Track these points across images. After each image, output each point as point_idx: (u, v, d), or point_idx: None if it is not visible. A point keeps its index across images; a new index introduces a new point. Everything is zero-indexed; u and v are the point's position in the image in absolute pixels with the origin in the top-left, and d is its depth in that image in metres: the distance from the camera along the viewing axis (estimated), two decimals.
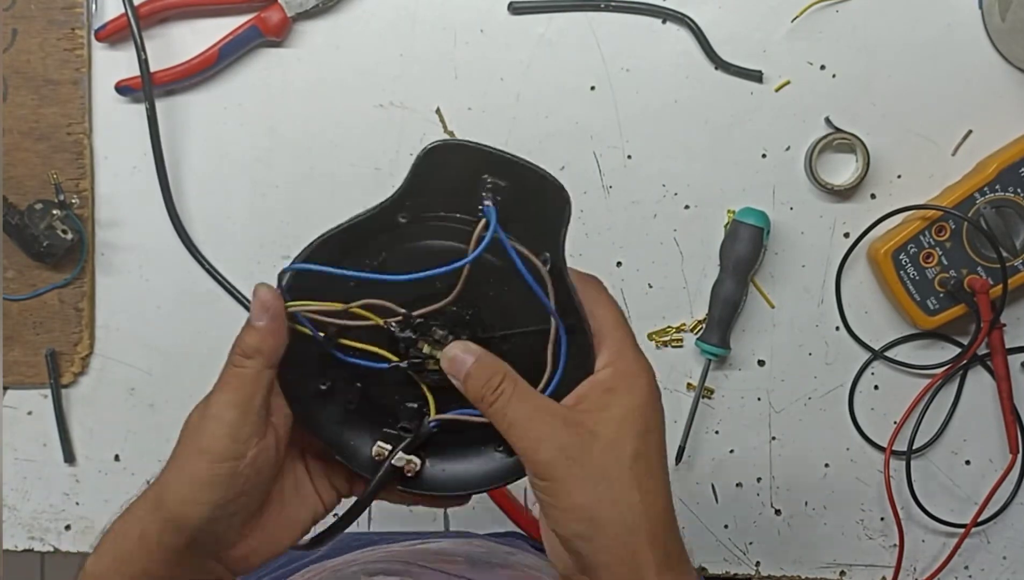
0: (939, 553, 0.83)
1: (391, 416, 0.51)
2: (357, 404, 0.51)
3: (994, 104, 0.79)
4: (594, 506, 0.45)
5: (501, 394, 0.46)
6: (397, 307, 0.48)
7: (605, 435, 0.45)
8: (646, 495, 0.45)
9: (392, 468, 0.50)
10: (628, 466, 0.45)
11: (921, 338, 0.82)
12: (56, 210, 0.79)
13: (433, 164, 0.48)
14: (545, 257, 0.48)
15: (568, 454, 0.45)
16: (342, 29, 0.81)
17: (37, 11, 0.80)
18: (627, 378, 0.47)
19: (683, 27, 0.80)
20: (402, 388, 0.50)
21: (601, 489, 0.45)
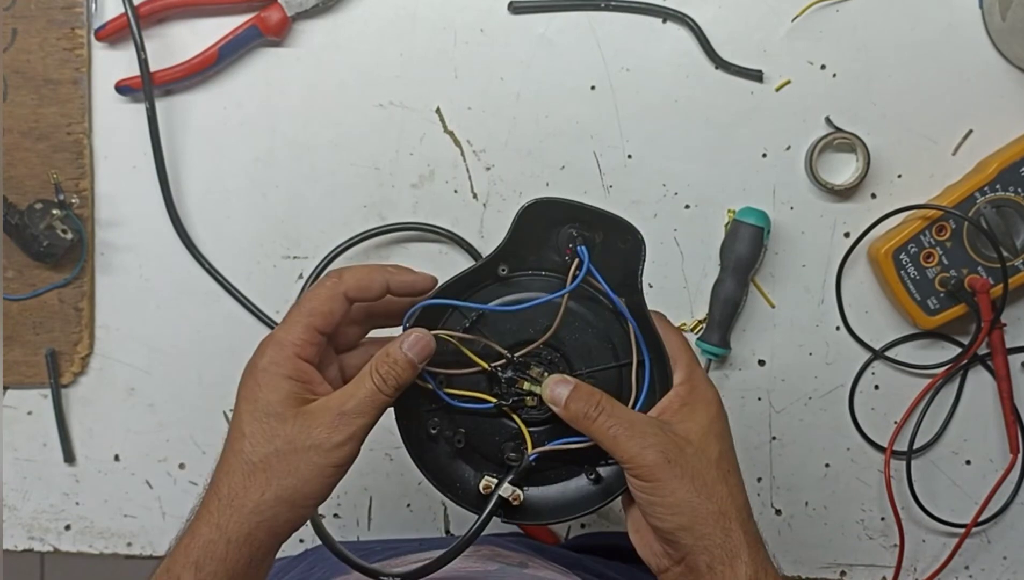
0: (939, 553, 0.83)
1: (494, 453, 0.58)
2: (464, 445, 0.58)
3: (994, 104, 0.79)
4: (692, 500, 0.52)
5: (603, 410, 0.54)
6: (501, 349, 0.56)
7: (695, 440, 0.54)
8: (732, 488, 0.54)
9: (500, 500, 0.56)
10: (715, 465, 0.53)
11: (921, 338, 0.82)
12: (56, 210, 0.79)
13: (531, 218, 0.56)
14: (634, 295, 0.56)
15: (668, 457, 0.52)
16: (342, 29, 0.81)
17: (37, 11, 0.80)
18: (701, 393, 0.56)
19: (683, 27, 0.80)
20: (500, 429, 0.57)
21: (697, 485, 0.52)
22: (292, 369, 0.52)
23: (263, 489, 0.50)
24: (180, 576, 0.50)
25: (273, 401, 0.52)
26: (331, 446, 0.51)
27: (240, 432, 0.52)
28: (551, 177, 0.81)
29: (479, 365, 0.56)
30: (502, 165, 0.81)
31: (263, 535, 0.51)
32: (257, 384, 0.52)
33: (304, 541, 0.84)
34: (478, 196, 0.82)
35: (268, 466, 0.51)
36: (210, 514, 0.51)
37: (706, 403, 0.55)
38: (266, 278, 0.83)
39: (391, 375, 0.53)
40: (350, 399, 0.52)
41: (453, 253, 0.82)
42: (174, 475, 0.85)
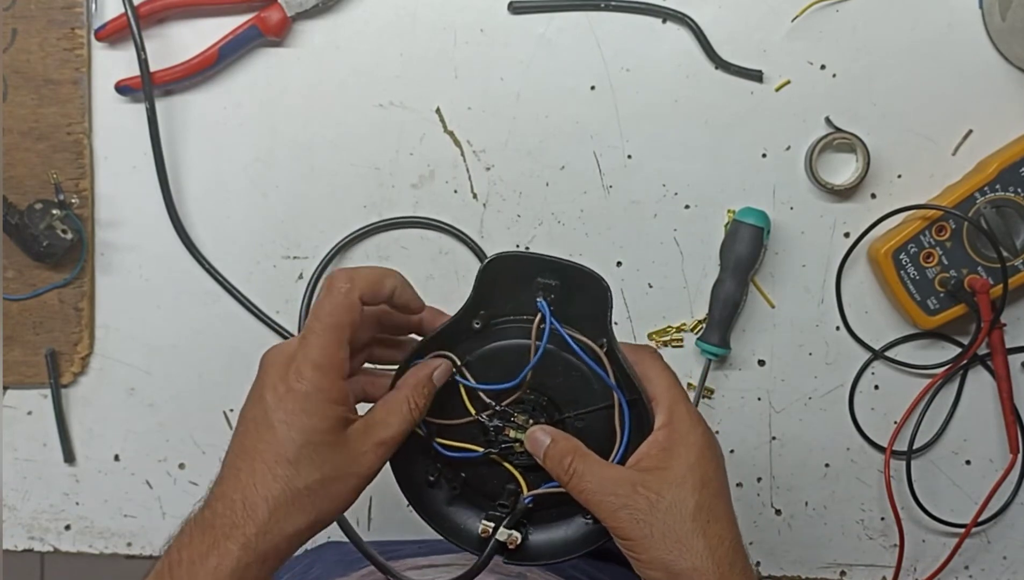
0: (939, 553, 0.83)
1: (492, 497, 0.58)
2: (461, 489, 0.59)
3: (994, 104, 0.79)
4: (667, 558, 0.51)
5: (574, 473, 0.54)
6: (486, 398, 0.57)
7: (668, 495, 0.52)
8: (711, 540, 0.52)
9: (497, 543, 0.57)
10: (691, 518, 0.52)
11: (921, 338, 0.82)
12: (56, 210, 0.79)
13: (493, 273, 0.56)
14: (602, 341, 0.56)
15: (638, 517, 0.52)
16: (342, 29, 0.81)
17: (37, 11, 0.80)
18: (681, 436, 0.54)
19: (683, 27, 0.80)
20: (498, 472, 0.58)
21: (670, 543, 0.51)
22: (338, 394, 0.52)
23: (306, 515, 0.51)
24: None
25: (323, 429, 0.51)
26: (368, 472, 0.53)
27: (282, 456, 0.51)
28: (551, 177, 0.81)
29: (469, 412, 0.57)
30: (502, 165, 0.81)
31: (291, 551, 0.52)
32: (303, 411, 0.51)
33: None
34: (478, 196, 0.82)
35: (312, 492, 0.51)
36: (245, 537, 0.50)
37: (685, 449, 0.54)
38: (266, 278, 0.83)
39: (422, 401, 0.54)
40: (387, 427, 0.53)
41: (453, 253, 0.82)
42: (174, 475, 0.85)
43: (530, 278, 0.55)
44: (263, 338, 0.83)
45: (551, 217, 0.82)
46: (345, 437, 0.52)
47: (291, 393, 0.51)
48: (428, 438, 0.57)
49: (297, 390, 0.51)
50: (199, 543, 0.50)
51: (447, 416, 0.57)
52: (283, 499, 0.50)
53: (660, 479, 0.53)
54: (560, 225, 0.82)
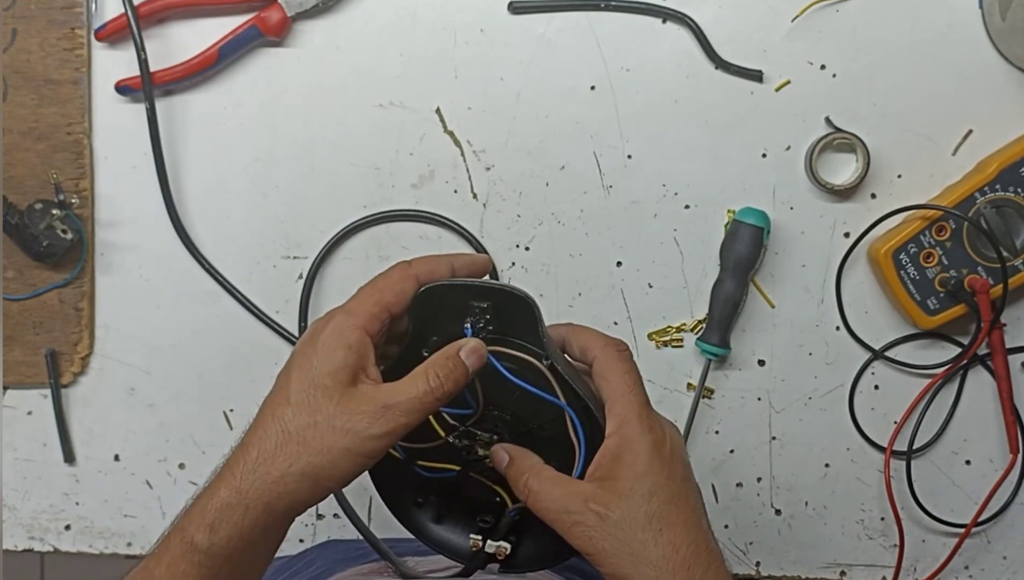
0: (939, 553, 0.83)
1: (479, 510, 0.59)
2: (448, 506, 0.60)
3: (994, 104, 0.79)
4: (624, 572, 0.51)
5: (530, 492, 0.53)
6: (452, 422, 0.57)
7: (617, 509, 0.51)
8: (664, 549, 0.51)
9: (486, 555, 0.58)
10: (642, 529, 0.51)
11: (921, 338, 0.82)
12: (56, 210, 0.79)
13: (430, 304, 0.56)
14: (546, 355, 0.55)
15: (590, 534, 0.51)
16: (342, 29, 0.81)
17: (37, 11, 0.80)
18: (629, 443, 0.53)
19: (683, 27, 0.80)
20: (483, 486, 0.59)
21: (624, 555, 0.51)
22: (355, 339, 0.52)
23: (291, 461, 0.50)
24: (194, 536, 0.49)
25: (325, 372, 0.51)
26: (367, 436, 0.50)
27: (285, 398, 0.51)
28: (551, 177, 0.81)
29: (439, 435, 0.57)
30: (502, 165, 0.81)
31: (281, 507, 0.50)
32: (315, 350, 0.52)
33: (304, 541, 0.84)
34: (478, 196, 0.82)
35: (303, 439, 0.50)
36: (233, 477, 0.50)
37: (632, 457, 0.52)
38: (266, 278, 0.83)
39: (449, 379, 0.52)
40: (399, 394, 0.51)
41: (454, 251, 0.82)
42: (174, 475, 0.85)
43: (465, 304, 0.55)
44: (263, 338, 0.83)
45: (551, 217, 0.82)
46: (348, 391, 0.51)
47: (312, 333, 0.53)
48: (408, 462, 0.58)
49: (318, 330, 0.52)
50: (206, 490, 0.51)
51: (420, 440, 0.57)
52: (273, 440, 0.50)
53: (609, 491, 0.52)
54: (560, 225, 0.82)
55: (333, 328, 0.52)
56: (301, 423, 0.50)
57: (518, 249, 0.82)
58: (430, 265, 0.55)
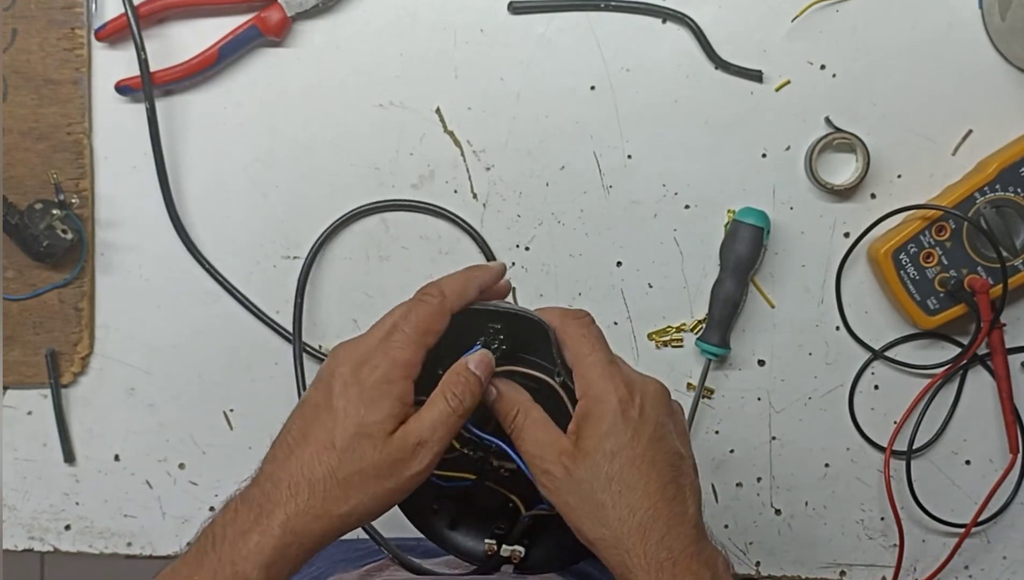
0: (939, 553, 0.83)
1: (493, 516, 0.61)
2: (463, 512, 0.62)
3: (994, 104, 0.79)
4: (583, 528, 0.53)
5: (514, 427, 0.55)
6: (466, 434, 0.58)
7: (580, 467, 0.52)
8: (620, 511, 0.51)
9: (500, 559, 0.60)
10: (601, 490, 0.52)
11: (921, 338, 0.82)
12: (56, 210, 0.79)
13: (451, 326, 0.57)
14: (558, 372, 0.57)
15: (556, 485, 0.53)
16: (342, 29, 0.81)
17: (37, 11, 0.80)
18: (595, 403, 0.53)
19: (683, 27, 0.80)
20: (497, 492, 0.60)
21: (583, 512, 0.52)
22: (402, 390, 0.53)
23: (341, 505, 0.51)
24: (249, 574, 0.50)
25: (372, 422, 0.52)
26: (410, 474, 0.52)
27: (331, 442, 0.52)
28: (551, 177, 0.81)
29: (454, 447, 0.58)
30: (502, 165, 0.81)
31: (329, 540, 0.52)
32: (361, 399, 0.52)
33: None
34: (478, 196, 0.82)
35: (352, 484, 0.51)
36: (287, 518, 0.51)
37: (597, 418, 0.53)
38: (266, 278, 0.83)
39: (466, 394, 0.53)
40: (426, 427, 0.53)
41: (453, 253, 0.82)
42: (174, 475, 0.85)
43: (481, 325, 0.57)
44: (263, 338, 0.83)
45: (551, 217, 0.82)
46: (392, 440, 0.52)
47: (359, 384, 0.52)
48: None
49: (365, 382, 0.52)
50: (243, 519, 0.51)
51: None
52: (322, 486, 0.51)
53: (576, 449, 0.53)
54: (560, 225, 0.82)
55: (381, 377, 0.53)
56: (349, 470, 0.51)
57: (518, 249, 0.82)
58: (460, 291, 0.56)
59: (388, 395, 0.52)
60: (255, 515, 0.51)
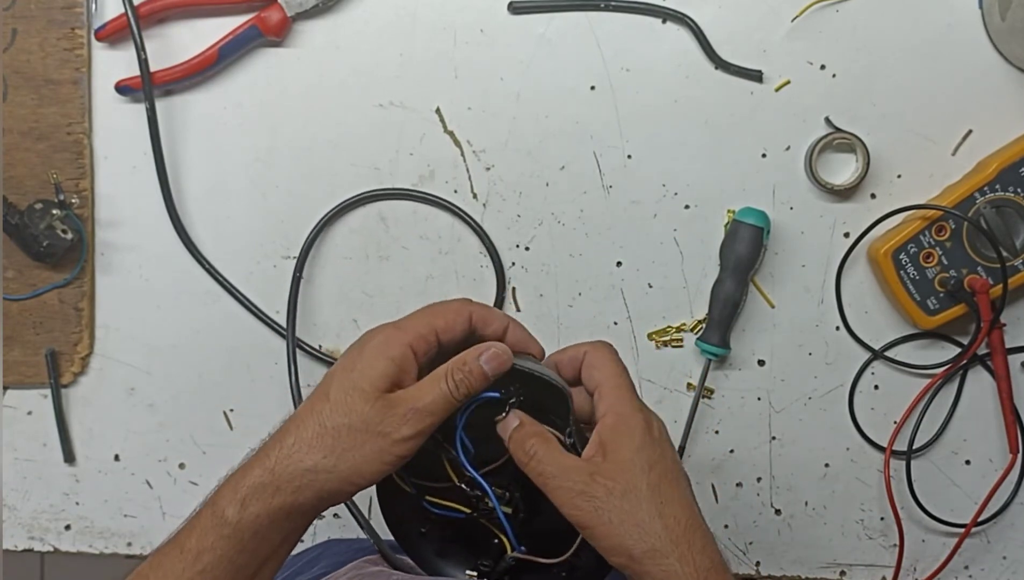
0: (939, 553, 0.83)
1: (479, 549, 0.61)
2: (451, 542, 0.62)
3: (994, 104, 0.79)
4: (627, 543, 0.52)
5: (534, 455, 0.55)
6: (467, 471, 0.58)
7: (622, 481, 0.53)
8: (667, 521, 0.53)
9: None
10: (647, 501, 0.53)
11: (921, 338, 0.82)
12: (56, 210, 0.79)
13: None
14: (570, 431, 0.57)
15: (596, 505, 0.53)
16: (342, 29, 0.81)
17: (37, 11, 0.80)
18: (625, 419, 0.55)
19: (683, 27, 0.80)
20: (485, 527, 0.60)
21: (628, 527, 0.53)
22: (398, 353, 0.55)
23: (325, 453, 0.53)
24: (225, 510, 0.53)
25: (366, 376, 0.54)
26: (399, 437, 0.53)
27: (325, 395, 0.54)
28: (551, 177, 0.81)
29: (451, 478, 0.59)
30: (502, 165, 0.81)
31: (310, 494, 0.53)
32: (360, 355, 0.55)
33: (304, 540, 0.84)
34: (478, 196, 0.82)
35: (338, 434, 0.53)
36: (268, 458, 0.53)
37: (629, 433, 0.55)
38: (266, 278, 0.83)
39: (464, 383, 0.55)
40: (424, 396, 0.54)
41: (453, 253, 0.82)
42: (174, 475, 0.85)
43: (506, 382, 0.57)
44: (263, 338, 0.83)
45: (551, 217, 0.82)
46: (384, 397, 0.54)
47: (360, 346, 0.56)
48: (418, 497, 0.60)
49: (366, 344, 0.55)
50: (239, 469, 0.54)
51: (434, 479, 0.60)
52: (310, 431, 0.53)
53: (611, 463, 0.54)
54: (560, 225, 0.82)
55: (381, 339, 0.55)
56: (337, 421, 0.53)
57: (518, 249, 0.82)
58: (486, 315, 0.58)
59: (384, 356, 0.54)
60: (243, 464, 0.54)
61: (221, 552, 0.52)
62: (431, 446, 0.57)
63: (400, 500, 0.61)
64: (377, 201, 0.82)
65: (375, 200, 0.82)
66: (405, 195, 0.82)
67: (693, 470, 0.83)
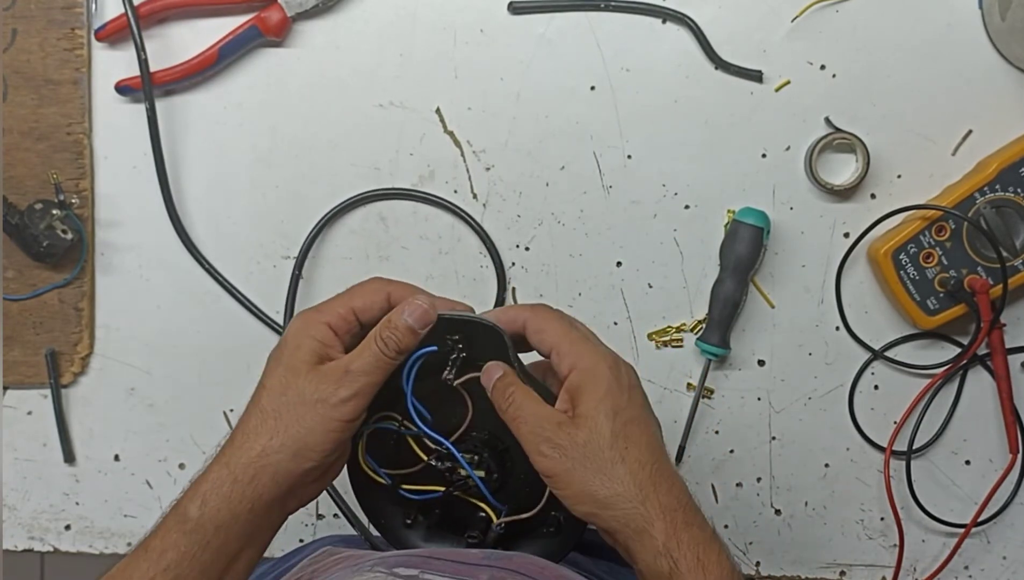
0: (939, 553, 0.83)
1: (466, 525, 0.61)
2: (437, 525, 0.62)
3: (994, 104, 0.79)
4: (592, 490, 0.53)
5: (512, 402, 0.56)
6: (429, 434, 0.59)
7: (584, 428, 0.54)
8: (631, 465, 0.54)
9: None
10: (609, 447, 0.54)
11: (921, 338, 0.82)
12: (56, 210, 0.79)
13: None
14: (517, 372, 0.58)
15: (560, 452, 0.54)
16: (342, 29, 0.81)
17: (37, 11, 0.80)
18: (588, 371, 0.56)
19: (683, 27, 0.80)
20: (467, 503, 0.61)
21: (591, 473, 0.53)
22: (318, 331, 0.56)
23: (271, 435, 0.54)
24: (187, 508, 0.54)
25: (293, 357, 0.56)
26: (337, 400, 0.54)
27: (261, 385, 0.56)
28: (551, 177, 0.81)
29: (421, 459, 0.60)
30: (502, 165, 0.81)
31: (266, 479, 0.54)
32: (285, 342, 0.57)
33: (303, 540, 0.84)
34: (478, 196, 0.82)
35: (278, 414, 0.55)
36: (223, 455, 0.55)
37: (593, 383, 0.55)
38: (266, 278, 0.83)
39: (392, 340, 0.56)
40: (356, 359, 0.56)
41: (453, 253, 0.82)
42: (174, 475, 0.85)
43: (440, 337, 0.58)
44: (263, 338, 0.83)
45: (551, 217, 0.82)
46: (315, 369, 0.55)
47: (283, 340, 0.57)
48: (394, 487, 0.61)
49: (289, 329, 0.57)
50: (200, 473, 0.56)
51: (405, 466, 0.61)
52: (253, 421, 0.55)
53: (577, 415, 0.55)
54: (560, 225, 0.82)
55: (300, 322, 0.57)
56: (275, 402, 0.55)
57: (518, 249, 0.82)
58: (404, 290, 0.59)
59: (306, 335, 0.56)
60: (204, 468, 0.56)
61: (184, 549, 0.53)
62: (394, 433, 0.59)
63: (378, 495, 0.62)
64: (377, 201, 0.82)
65: (375, 200, 0.82)
66: (405, 195, 0.82)
67: (693, 470, 0.83)
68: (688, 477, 0.82)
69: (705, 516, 0.55)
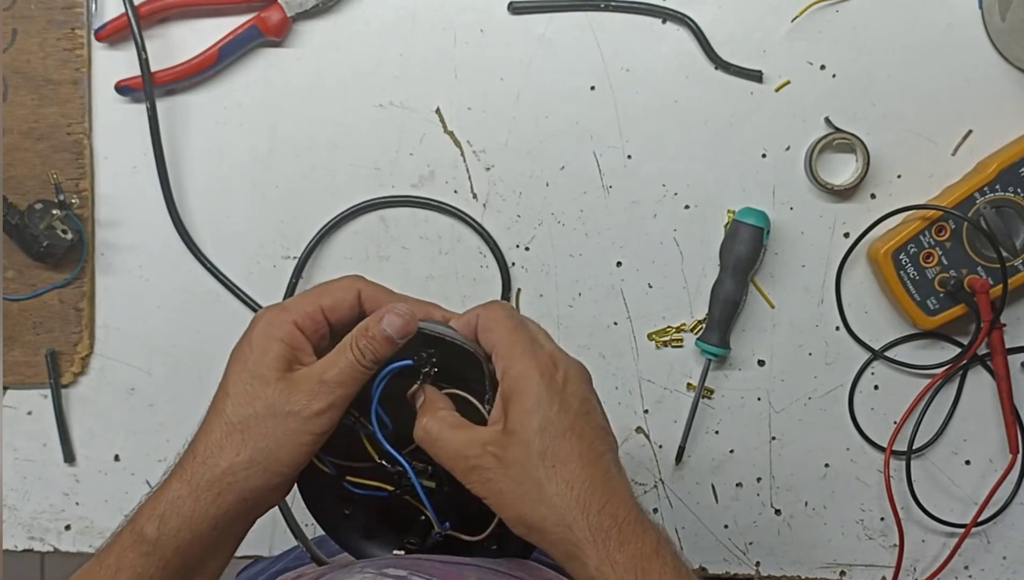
0: (939, 553, 0.83)
1: (406, 526, 0.58)
2: (377, 523, 0.59)
3: (994, 104, 0.79)
4: (523, 513, 0.50)
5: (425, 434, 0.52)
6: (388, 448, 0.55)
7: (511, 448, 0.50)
8: (559, 486, 0.49)
9: None
10: (537, 467, 0.50)
11: (921, 338, 0.82)
12: (56, 210, 0.79)
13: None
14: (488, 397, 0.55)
15: (488, 476, 0.50)
16: (342, 29, 0.81)
17: (37, 11, 0.80)
18: (517, 383, 0.51)
19: (683, 27, 0.80)
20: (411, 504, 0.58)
21: (520, 495, 0.50)
22: (286, 333, 0.52)
23: (238, 450, 0.51)
24: (144, 527, 0.50)
25: (260, 362, 0.52)
26: (310, 414, 0.51)
27: (224, 392, 0.52)
28: (551, 177, 0.81)
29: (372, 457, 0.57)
30: (502, 165, 0.81)
31: (232, 498, 0.51)
32: (249, 345, 0.52)
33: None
34: (478, 196, 0.82)
35: (246, 427, 0.51)
36: (183, 470, 0.51)
37: (521, 396, 0.51)
38: (266, 278, 0.83)
39: (368, 350, 0.52)
40: (331, 368, 0.51)
41: (453, 253, 0.82)
42: None
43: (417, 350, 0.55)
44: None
45: (551, 217, 0.82)
46: (285, 377, 0.51)
47: (247, 331, 0.53)
48: (338, 477, 0.58)
49: (252, 327, 0.53)
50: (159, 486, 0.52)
51: (354, 459, 0.57)
52: (218, 433, 0.51)
53: (504, 433, 0.51)
54: (560, 225, 0.82)
55: (265, 323, 0.53)
56: (242, 413, 0.51)
57: (518, 249, 0.82)
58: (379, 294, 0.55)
59: (272, 338, 0.52)
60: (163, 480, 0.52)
61: (141, 570, 0.50)
62: (349, 424, 0.55)
63: (320, 482, 0.58)
64: (377, 209, 0.82)
65: (375, 209, 0.82)
66: (406, 202, 0.82)
67: (693, 470, 0.83)
68: (688, 477, 0.82)
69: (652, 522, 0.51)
